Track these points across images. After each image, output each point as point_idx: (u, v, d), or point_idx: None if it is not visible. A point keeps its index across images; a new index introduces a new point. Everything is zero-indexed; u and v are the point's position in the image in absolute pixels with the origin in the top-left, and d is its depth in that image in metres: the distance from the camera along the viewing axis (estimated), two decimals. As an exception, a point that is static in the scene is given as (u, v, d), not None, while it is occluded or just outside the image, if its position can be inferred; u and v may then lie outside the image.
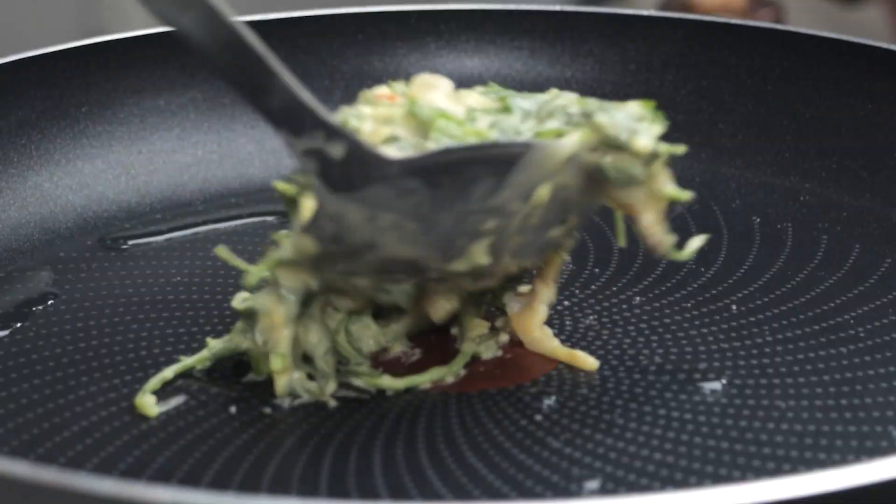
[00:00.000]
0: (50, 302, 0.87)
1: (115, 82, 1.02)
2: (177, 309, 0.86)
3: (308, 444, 0.73)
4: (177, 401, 0.77)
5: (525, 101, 0.79)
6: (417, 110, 0.77)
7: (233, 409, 0.76)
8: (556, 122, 0.77)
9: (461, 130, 0.76)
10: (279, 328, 0.76)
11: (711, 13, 1.29)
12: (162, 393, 0.77)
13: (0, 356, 0.81)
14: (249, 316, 0.77)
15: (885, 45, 1.01)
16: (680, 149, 0.78)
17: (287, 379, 0.76)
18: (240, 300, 0.78)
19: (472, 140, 0.75)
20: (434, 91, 0.79)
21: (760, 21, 1.19)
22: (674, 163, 0.77)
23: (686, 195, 0.77)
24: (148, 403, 0.76)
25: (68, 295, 0.88)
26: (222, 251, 0.80)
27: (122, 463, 0.71)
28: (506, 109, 0.79)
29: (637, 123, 0.77)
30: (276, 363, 0.76)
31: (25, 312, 0.86)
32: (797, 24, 1.11)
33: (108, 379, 0.79)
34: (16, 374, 0.79)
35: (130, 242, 0.94)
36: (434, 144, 0.75)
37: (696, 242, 0.78)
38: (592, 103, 0.78)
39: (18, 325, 0.84)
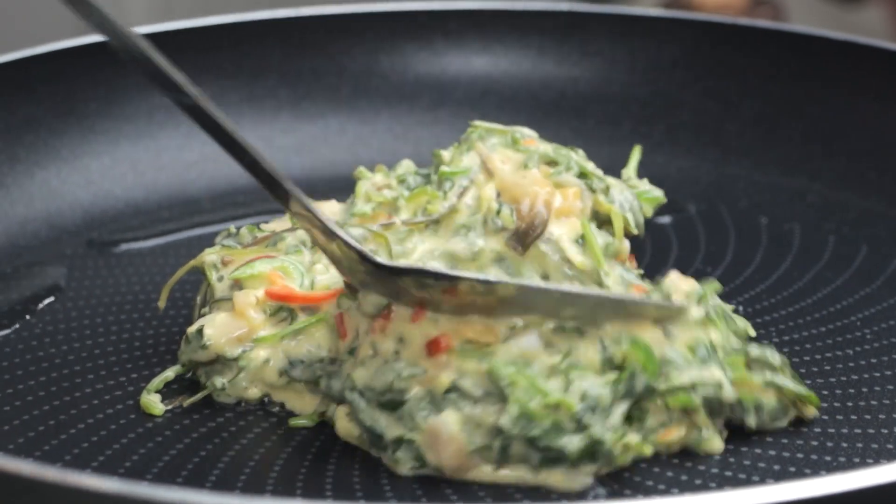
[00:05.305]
0: (56, 298, 0.87)
1: (122, 79, 1.02)
2: (184, 307, 0.85)
3: (313, 444, 0.73)
4: (182, 400, 0.77)
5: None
6: (495, 368, 0.70)
7: (238, 409, 0.76)
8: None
9: (541, 403, 0.69)
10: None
11: (711, 12, 1.29)
12: (167, 392, 0.77)
13: (6, 353, 0.81)
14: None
15: (893, 45, 1.01)
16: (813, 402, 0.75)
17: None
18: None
19: (550, 418, 0.69)
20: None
21: (760, 20, 1.19)
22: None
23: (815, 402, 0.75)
24: (153, 402, 0.76)
25: (74, 291, 0.87)
26: None
27: (127, 461, 0.71)
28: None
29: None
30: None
31: (32, 309, 0.86)
32: (799, 24, 1.11)
33: (113, 377, 0.79)
34: (21, 371, 0.79)
35: (137, 240, 0.94)
36: (515, 408, 0.69)
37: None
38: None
39: (25, 321, 0.84)
